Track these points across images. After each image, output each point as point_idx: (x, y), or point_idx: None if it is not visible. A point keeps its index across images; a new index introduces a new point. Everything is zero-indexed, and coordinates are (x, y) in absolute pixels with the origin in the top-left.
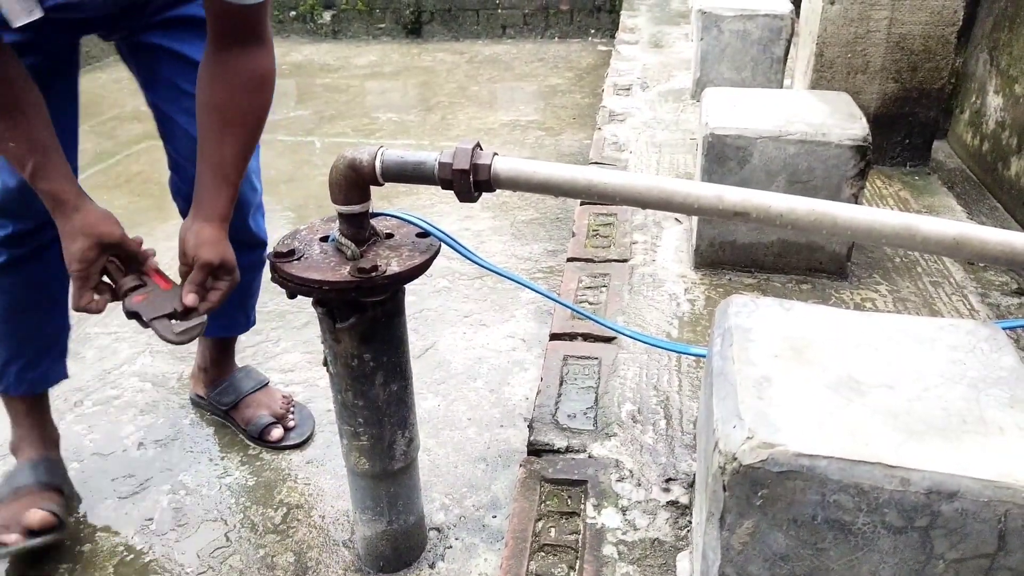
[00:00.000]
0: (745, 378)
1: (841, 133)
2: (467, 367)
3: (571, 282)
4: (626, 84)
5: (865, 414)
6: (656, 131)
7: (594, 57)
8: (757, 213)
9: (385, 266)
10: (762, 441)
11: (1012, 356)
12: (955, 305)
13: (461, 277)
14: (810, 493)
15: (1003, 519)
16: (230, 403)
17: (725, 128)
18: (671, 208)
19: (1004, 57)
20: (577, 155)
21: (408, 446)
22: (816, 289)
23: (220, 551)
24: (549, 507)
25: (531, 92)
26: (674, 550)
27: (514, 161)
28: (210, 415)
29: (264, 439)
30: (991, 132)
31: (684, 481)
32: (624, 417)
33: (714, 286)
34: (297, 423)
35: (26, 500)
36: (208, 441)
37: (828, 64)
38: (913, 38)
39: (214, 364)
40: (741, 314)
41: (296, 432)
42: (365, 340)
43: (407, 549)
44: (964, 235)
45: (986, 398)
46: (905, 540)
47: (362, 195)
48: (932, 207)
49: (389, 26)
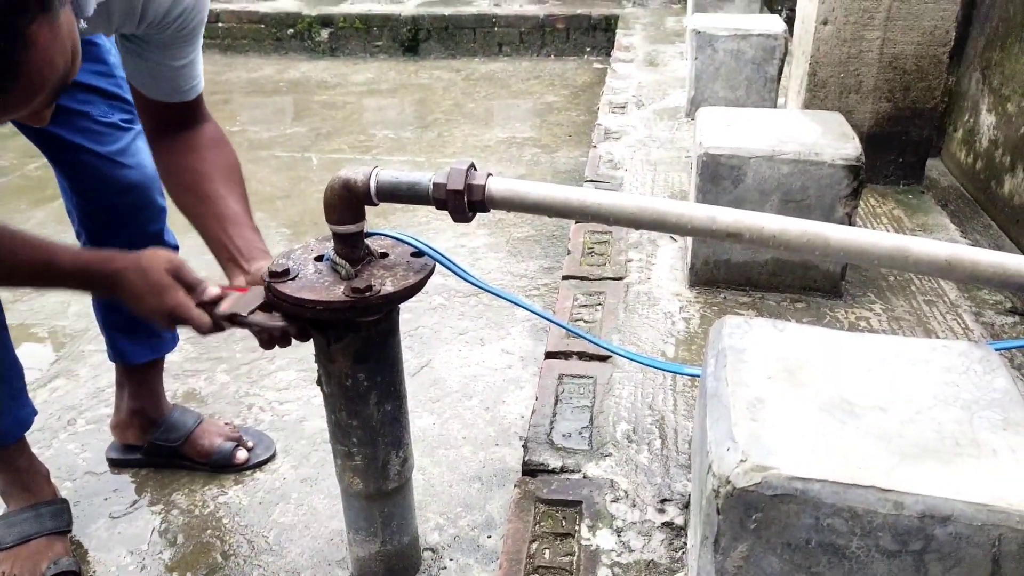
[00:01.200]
0: (739, 400)
1: (834, 153)
2: (462, 385)
3: (566, 300)
4: (621, 102)
5: (858, 437)
6: (651, 149)
7: (590, 75)
8: (750, 234)
9: (380, 286)
10: (756, 464)
11: (1005, 378)
12: (949, 324)
13: (456, 295)
14: (804, 517)
15: (997, 543)
16: (179, 439)
17: (719, 147)
18: (664, 229)
19: (996, 76)
20: (573, 172)
21: (402, 466)
22: (810, 308)
23: (214, 571)
24: (543, 528)
25: (527, 109)
26: (669, 572)
27: (508, 182)
28: (141, 467)
29: (232, 464)
30: (984, 150)
31: (679, 502)
32: (619, 437)
33: (709, 304)
34: (255, 442)
35: (38, 550)
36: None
37: (821, 84)
38: (906, 58)
39: (152, 401)
40: (735, 335)
41: (260, 449)
42: (359, 360)
43: (401, 570)
44: (956, 256)
45: (979, 420)
46: (899, 564)
47: (356, 215)
48: (926, 225)
49: (386, 44)
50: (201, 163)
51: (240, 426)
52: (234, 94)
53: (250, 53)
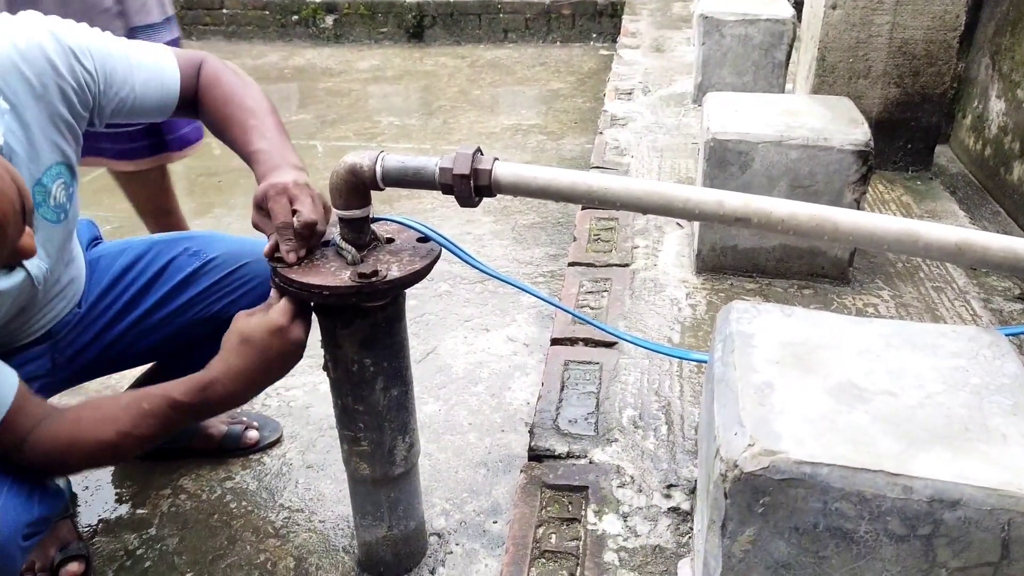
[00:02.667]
0: (746, 385)
1: (843, 138)
2: (468, 372)
3: (572, 287)
4: (628, 88)
5: (867, 421)
6: (658, 135)
7: (596, 61)
8: (758, 219)
9: (386, 271)
10: (763, 448)
11: (1015, 363)
12: (957, 310)
13: (462, 281)
14: (812, 501)
15: (1006, 528)
16: (192, 431)
17: (727, 133)
18: (671, 213)
19: (1006, 62)
20: (579, 159)
21: (408, 451)
22: (818, 294)
23: (220, 556)
24: (550, 513)
25: (533, 96)
26: (675, 557)
27: (514, 166)
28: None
29: (244, 445)
30: (993, 137)
31: (686, 487)
32: (625, 423)
33: (716, 291)
34: (259, 423)
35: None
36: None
37: (830, 69)
38: (915, 43)
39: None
40: (742, 320)
41: (267, 431)
42: (365, 345)
43: (407, 555)
44: (966, 241)
45: (989, 405)
46: (908, 549)
47: (363, 200)
48: (934, 212)
49: (391, 30)
50: (212, 105)
51: (247, 411)
52: None
53: (254, 40)
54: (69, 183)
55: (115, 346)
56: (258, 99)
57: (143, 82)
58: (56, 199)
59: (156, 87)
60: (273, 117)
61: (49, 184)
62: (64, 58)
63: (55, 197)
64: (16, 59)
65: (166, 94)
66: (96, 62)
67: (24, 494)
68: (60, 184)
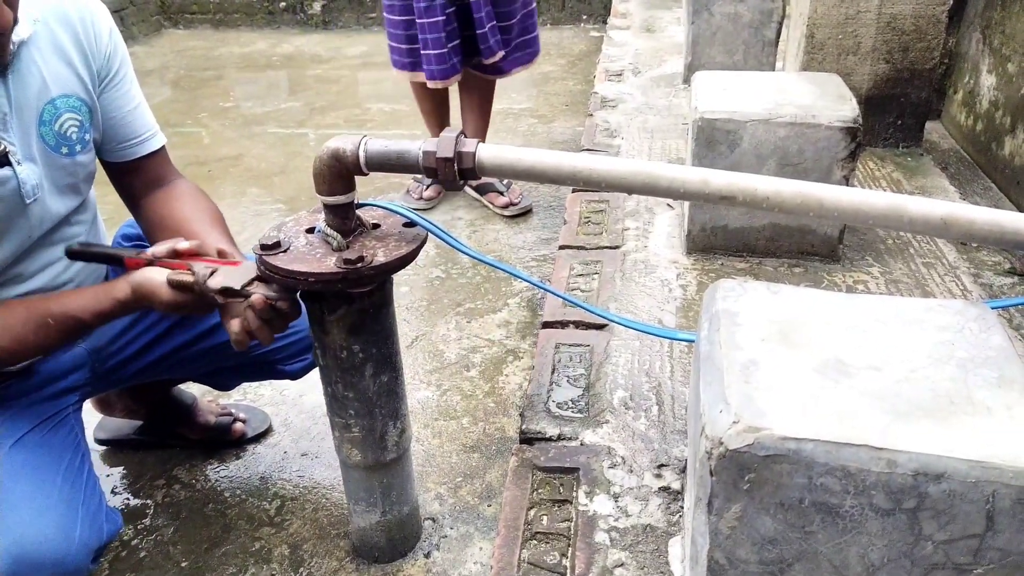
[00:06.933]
0: (732, 362)
1: (831, 115)
2: (460, 357)
3: (563, 270)
4: (618, 70)
5: (852, 396)
6: (648, 117)
7: (586, 43)
8: (743, 196)
9: (371, 257)
10: (748, 425)
11: (1001, 336)
12: (948, 286)
13: (454, 266)
14: (797, 476)
15: (991, 499)
16: (180, 416)
17: (715, 112)
18: (657, 193)
19: (997, 36)
20: (569, 142)
21: (400, 437)
22: (808, 272)
23: (216, 544)
24: (541, 495)
25: (523, 79)
26: (666, 535)
27: (498, 148)
28: (134, 447)
29: (231, 437)
30: (984, 112)
31: (676, 467)
32: (616, 404)
33: (706, 271)
34: (246, 416)
35: None
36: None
37: (819, 46)
38: (904, 18)
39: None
40: (729, 298)
41: (255, 423)
42: (353, 331)
43: (402, 539)
44: (952, 215)
45: (974, 378)
46: (893, 522)
47: (347, 185)
48: (925, 188)
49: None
50: (182, 209)
51: (238, 402)
52: (227, 69)
53: (242, 28)
54: (82, 127)
55: (155, 367)
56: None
57: (128, 113)
58: (62, 128)
59: (134, 125)
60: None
61: (61, 108)
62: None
63: (61, 124)
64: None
65: (136, 138)
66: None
67: (91, 517)
68: (72, 118)
